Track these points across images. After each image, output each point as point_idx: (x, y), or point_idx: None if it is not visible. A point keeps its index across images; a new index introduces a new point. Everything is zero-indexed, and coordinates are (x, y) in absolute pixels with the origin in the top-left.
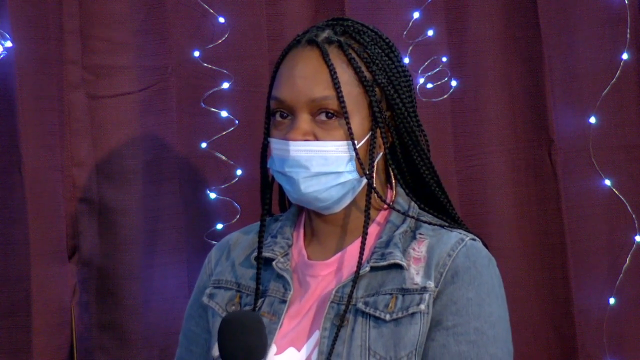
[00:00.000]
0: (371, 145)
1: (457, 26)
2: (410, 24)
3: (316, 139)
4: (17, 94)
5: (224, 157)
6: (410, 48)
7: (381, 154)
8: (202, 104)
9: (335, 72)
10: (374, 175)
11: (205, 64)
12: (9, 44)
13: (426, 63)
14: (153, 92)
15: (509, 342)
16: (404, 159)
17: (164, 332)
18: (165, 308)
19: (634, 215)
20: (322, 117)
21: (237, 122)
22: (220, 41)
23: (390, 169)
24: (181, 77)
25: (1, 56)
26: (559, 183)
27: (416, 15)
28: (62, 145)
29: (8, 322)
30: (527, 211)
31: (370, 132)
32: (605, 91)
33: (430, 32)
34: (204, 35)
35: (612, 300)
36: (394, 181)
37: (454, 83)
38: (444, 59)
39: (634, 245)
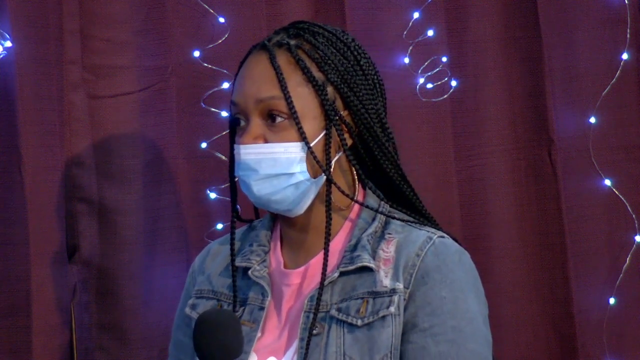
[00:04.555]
0: (327, 145)
1: (457, 26)
2: (410, 24)
3: (266, 142)
4: (17, 94)
5: (224, 157)
6: (410, 48)
7: (341, 153)
8: (202, 104)
9: (281, 74)
10: (339, 174)
11: (205, 64)
12: (8, 43)
13: (426, 63)
14: (153, 92)
15: (488, 334)
16: (368, 157)
17: (164, 332)
18: (165, 308)
19: (634, 215)
20: (273, 119)
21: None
22: (220, 41)
23: (353, 168)
24: (181, 77)
25: (1, 56)
26: (559, 183)
27: (416, 15)
28: (62, 145)
29: (8, 322)
30: (527, 211)
31: (324, 132)
32: (605, 91)
33: (430, 32)
34: (204, 35)
35: (612, 300)
36: (357, 181)
37: (454, 83)
38: (444, 59)
39: (634, 245)
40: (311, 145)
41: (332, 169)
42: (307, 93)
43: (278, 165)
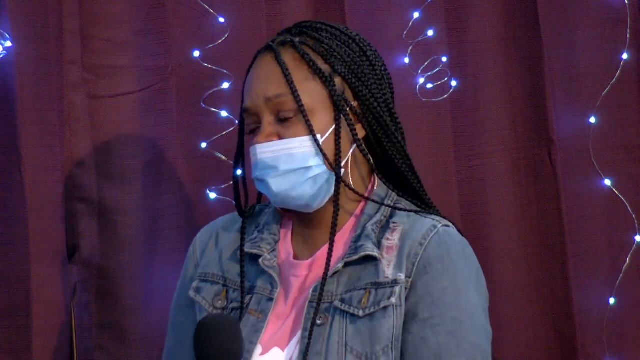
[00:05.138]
0: (337, 136)
1: (457, 26)
2: (410, 24)
3: (280, 138)
4: (17, 93)
5: (224, 157)
6: (410, 48)
7: (355, 145)
8: (202, 104)
9: (287, 70)
10: (354, 166)
11: (205, 64)
12: (8, 43)
13: (426, 63)
14: (153, 92)
15: (488, 326)
16: (379, 147)
17: (164, 332)
18: (165, 308)
19: (634, 215)
20: (283, 116)
21: (237, 122)
22: (220, 41)
23: (366, 159)
24: (181, 77)
25: (1, 56)
26: (559, 183)
27: (416, 15)
28: (62, 145)
29: (8, 322)
30: (527, 211)
31: (334, 123)
32: (605, 91)
33: (430, 32)
34: (204, 35)
35: (612, 300)
36: (369, 171)
37: (454, 83)
38: (444, 59)
39: (634, 245)
40: (324, 137)
41: (348, 162)
42: (315, 86)
43: (295, 161)
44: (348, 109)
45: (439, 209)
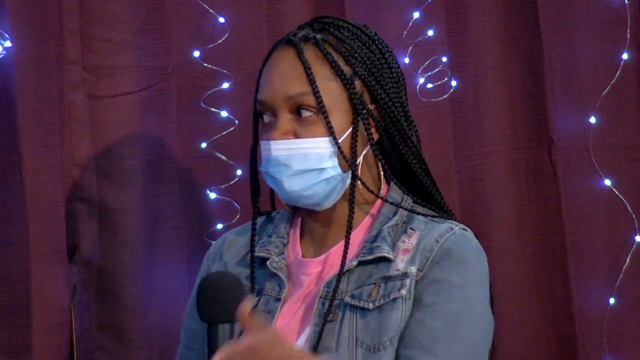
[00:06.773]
0: (354, 139)
1: (457, 26)
2: (410, 24)
3: (296, 137)
4: (17, 93)
5: (224, 157)
6: (410, 48)
7: (368, 147)
8: (202, 104)
9: (309, 68)
10: (365, 169)
11: (205, 64)
12: (8, 44)
13: (426, 63)
14: (153, 92)
15: (489, 333)
16: (393, 152)
17: (164, 332)
18: (165, 308)
19: (634, 215)
20: (301, 114)
21: (237, 122)
22: (220, 41)
23: (379, 162)
24: (181, 77)
25: (1, 56)
26: (559, 183)
27: (416, 15)
28: (62, 145)
29: (8, 322)
30: (527, 211)
31: (352, 126)
32: (605, 91)
33: (430, 32)
34: (204, 35)
35: (612, 300)
36: (382, 175)
37: (454, 83)
38: (444, 59)
39: (634, 245)
40: (340, 140)
41: (359, 164)
42: (336, 87)
43: (309, 161)
44: (365, 112)
45: (463, 221)
